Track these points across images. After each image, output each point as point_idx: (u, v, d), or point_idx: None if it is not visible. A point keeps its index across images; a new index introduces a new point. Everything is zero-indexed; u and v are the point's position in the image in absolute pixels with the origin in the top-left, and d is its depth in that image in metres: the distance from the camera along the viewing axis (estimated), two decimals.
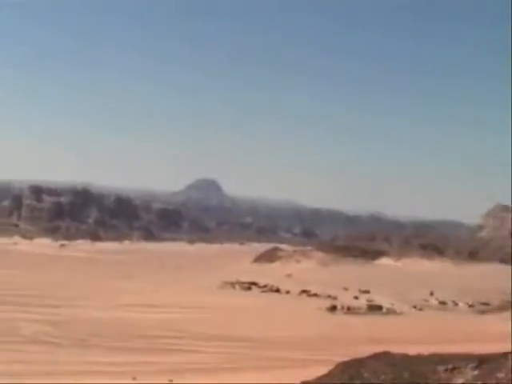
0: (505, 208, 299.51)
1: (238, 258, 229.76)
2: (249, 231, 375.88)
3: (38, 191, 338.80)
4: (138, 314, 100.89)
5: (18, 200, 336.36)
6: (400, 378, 33.52)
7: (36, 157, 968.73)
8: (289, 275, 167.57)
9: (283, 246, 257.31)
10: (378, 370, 35.38)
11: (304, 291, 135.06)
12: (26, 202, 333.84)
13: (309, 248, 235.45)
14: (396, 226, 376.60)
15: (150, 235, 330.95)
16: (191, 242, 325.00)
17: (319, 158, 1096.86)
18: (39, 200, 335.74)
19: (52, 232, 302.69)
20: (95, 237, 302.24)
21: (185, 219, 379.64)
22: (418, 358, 36.92)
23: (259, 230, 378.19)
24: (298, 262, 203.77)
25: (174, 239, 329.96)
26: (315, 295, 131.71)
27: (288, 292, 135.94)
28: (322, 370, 45.50)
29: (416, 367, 34.71)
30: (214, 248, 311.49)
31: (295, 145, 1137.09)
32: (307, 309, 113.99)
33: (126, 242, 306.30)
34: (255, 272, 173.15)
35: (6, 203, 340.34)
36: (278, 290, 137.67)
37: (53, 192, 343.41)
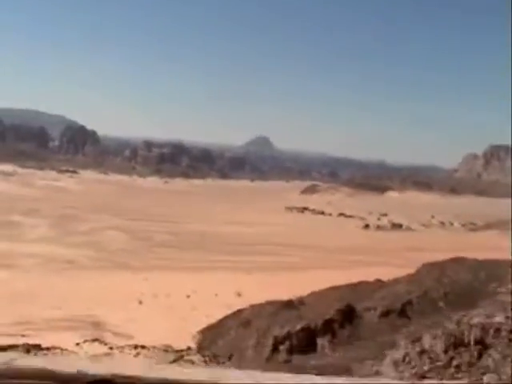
0: (474, 156, 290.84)
1: (288, 192, 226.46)
2: (292, 173, 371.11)
3: (148, 145, 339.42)
4: (232, 228, 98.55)
5: (134, 151, 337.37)
6: (477, 278, 30.22)
7: (147, 118, 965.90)
8: (329, 202, 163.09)
9: (319, 183, 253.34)
10: (458, 271, 32.12)
11: (341, 214, 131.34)
12: (140, 152, 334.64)
13: (335, 184, 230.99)
14: (394, 169, 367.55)
15: (223, 175, 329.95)
16: (252, 180, 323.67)
17: (341, 116, 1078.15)
18: (149, 151, 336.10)
19: (158, 172, 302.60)
20: (187, 176, 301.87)
21: (247, 164, 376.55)
22: (487, 262, 33.50)
23: (299, 172, 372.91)
24: (332, 194, 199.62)
25: (240, 178, 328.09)
26: (350, 216, 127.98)
27: (330, 214, 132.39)
28: (389, 270, 41.79)
29: (489, 270, 31.34)
30: (268, 184, 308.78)
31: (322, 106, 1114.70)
32: (349, 226, 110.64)
33: (209, 180, 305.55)
34: (304, 201, 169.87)
35: (126, 153, 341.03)
36: (323, 213, 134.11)
37: (158, 145, 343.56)
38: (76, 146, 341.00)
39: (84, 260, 61.48)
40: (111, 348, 27.46)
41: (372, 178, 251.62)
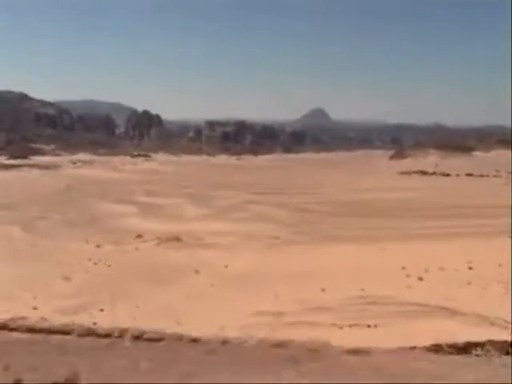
0: None
1: (372, 159, 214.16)
2: (353, 142, 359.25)
3: (211, 124, 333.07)
4: (375, 195, 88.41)
5: (198, 132, 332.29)
6: None
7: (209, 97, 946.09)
8: (436, 165, 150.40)
9: (406, 148, 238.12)
10: None
11: (469, 174, 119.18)
12: (204, 132, 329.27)
13: (419, 149, 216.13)
14: (455, 130, 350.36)
15: (287, 149, 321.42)
16: (317, 151, 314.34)
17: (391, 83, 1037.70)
18: (212, 130, 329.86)
19: (225, 151, 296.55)
20: (254, 152, 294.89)
21: (307, 137, 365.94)
22: None
23: (360, 141, 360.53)
24: (424, 157, 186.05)
25: (303, 151, 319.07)
26: (481, 176, 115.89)
27: (458, 175, 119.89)
28: None
29: None
30: (333, 155, 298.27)
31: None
32: (496, 184, 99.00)
33: (275, 154, 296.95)
34: (407, 165, 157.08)
35: (190, 134, 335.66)
36: (448, 175, 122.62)
37: (221, 124, 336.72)
38: (141, 131, 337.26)
39: (286, 235, 53.21)
40: None
41: (450, 140, 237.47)
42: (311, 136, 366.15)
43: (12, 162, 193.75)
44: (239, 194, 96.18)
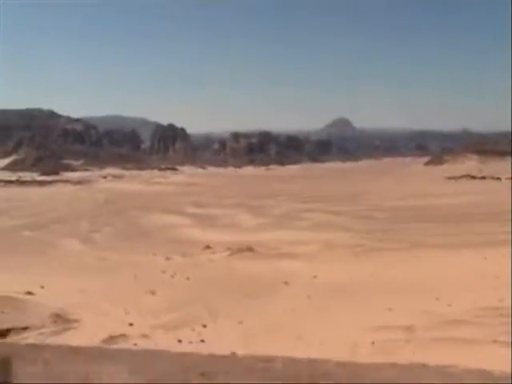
0: None
1: (403, 167, 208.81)
2: (379, 150, 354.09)
3: (236, 136, 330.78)
4: (414, 202, 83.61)
5: (223, 144, 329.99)
6: None
7: (232, 109, 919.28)
8: (480, 170, 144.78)
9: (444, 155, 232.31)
10: None
11: (507, 178, 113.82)
12: (229, 144, 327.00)
13: (454, 154, 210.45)
14: (481, 135, 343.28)
15: (313, 159, 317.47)
16: (343, 160, 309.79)
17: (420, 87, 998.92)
18: (237, 142, 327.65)
19: (250, 162, 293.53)
20: (280, 162, 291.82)
21: (333, 146, 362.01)
22: None
23: (386, 149, 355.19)
24: (462, 162, 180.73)
25: (330, 160, 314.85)
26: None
27: (498, 178, 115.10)
28: None
29: None
30: (360, 163, 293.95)
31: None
32: None
33: (302, 164, 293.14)
34: (446, 171, 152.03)
35: (215, 146, 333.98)
36: (498, 178, 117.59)
37: (245, 136, 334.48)
38: (166, 145, 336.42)
39: (368, 242, 49.47)
40: None
41: (481, 145, 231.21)
42: (336, 145, 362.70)
43: (44, 178, 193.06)
44: (286, 203, 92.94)
